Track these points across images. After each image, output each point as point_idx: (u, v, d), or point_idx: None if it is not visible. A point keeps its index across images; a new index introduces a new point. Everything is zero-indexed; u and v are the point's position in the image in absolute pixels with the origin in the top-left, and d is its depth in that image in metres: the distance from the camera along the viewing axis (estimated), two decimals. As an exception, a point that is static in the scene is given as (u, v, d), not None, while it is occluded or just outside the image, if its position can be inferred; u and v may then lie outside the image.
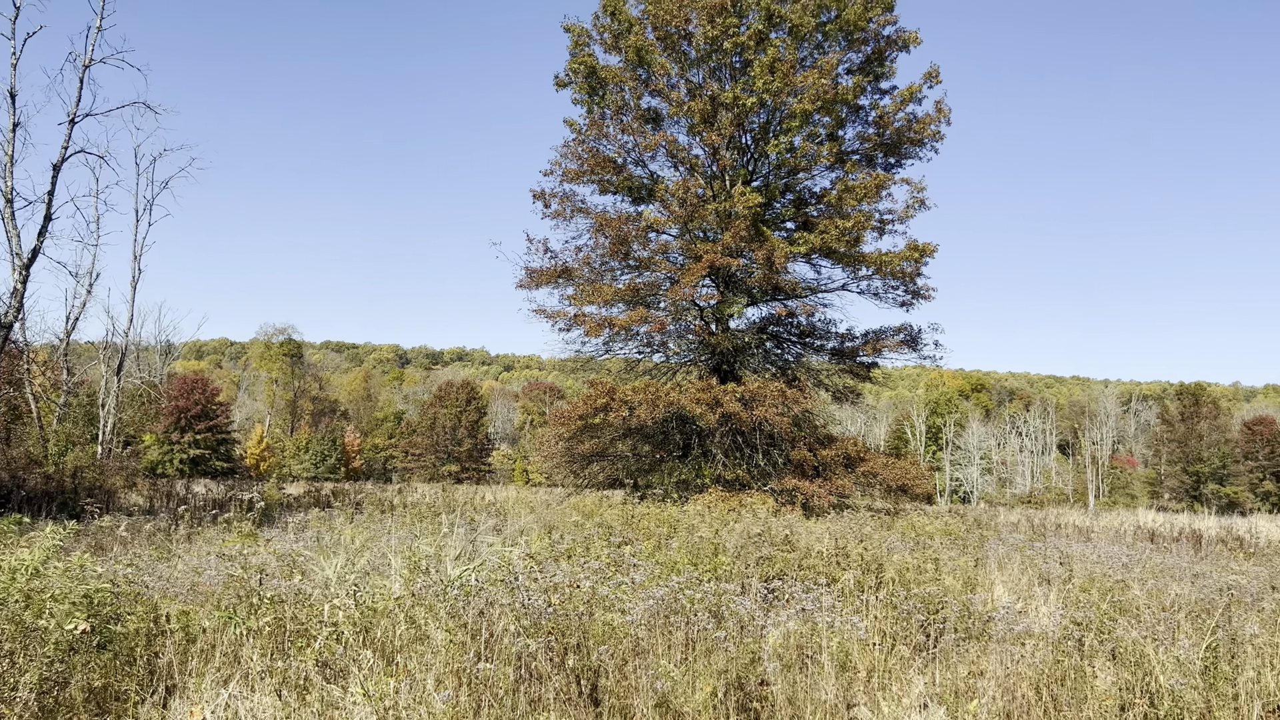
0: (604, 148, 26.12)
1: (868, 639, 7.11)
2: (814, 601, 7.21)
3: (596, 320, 25.17)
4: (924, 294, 26.64)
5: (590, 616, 6.38)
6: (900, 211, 25.84)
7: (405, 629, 6.41)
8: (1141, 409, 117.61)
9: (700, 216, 24.60)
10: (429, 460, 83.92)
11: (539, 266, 26.20)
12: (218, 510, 17.52)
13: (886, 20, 25.17)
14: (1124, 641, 7.25)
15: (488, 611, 6.19)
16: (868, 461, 25.58)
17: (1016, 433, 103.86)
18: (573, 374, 35.49)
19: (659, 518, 14.22)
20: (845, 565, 10.09)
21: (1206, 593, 10.06)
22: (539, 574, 6.86)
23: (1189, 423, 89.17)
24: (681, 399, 23.91)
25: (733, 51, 24.66)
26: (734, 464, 25.17)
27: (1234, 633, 7.63)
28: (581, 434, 25.84)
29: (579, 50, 26.53)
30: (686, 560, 9.36)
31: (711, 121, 24.58)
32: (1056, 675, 6.76)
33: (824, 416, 31.98)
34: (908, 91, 25.58)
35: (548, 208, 26.36)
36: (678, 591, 6.75)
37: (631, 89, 25.86)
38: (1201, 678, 6.70)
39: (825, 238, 24.23)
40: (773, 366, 28.08)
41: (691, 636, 6.55)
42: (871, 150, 26.46)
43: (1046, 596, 10.11)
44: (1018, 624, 7.39)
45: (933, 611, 7.96)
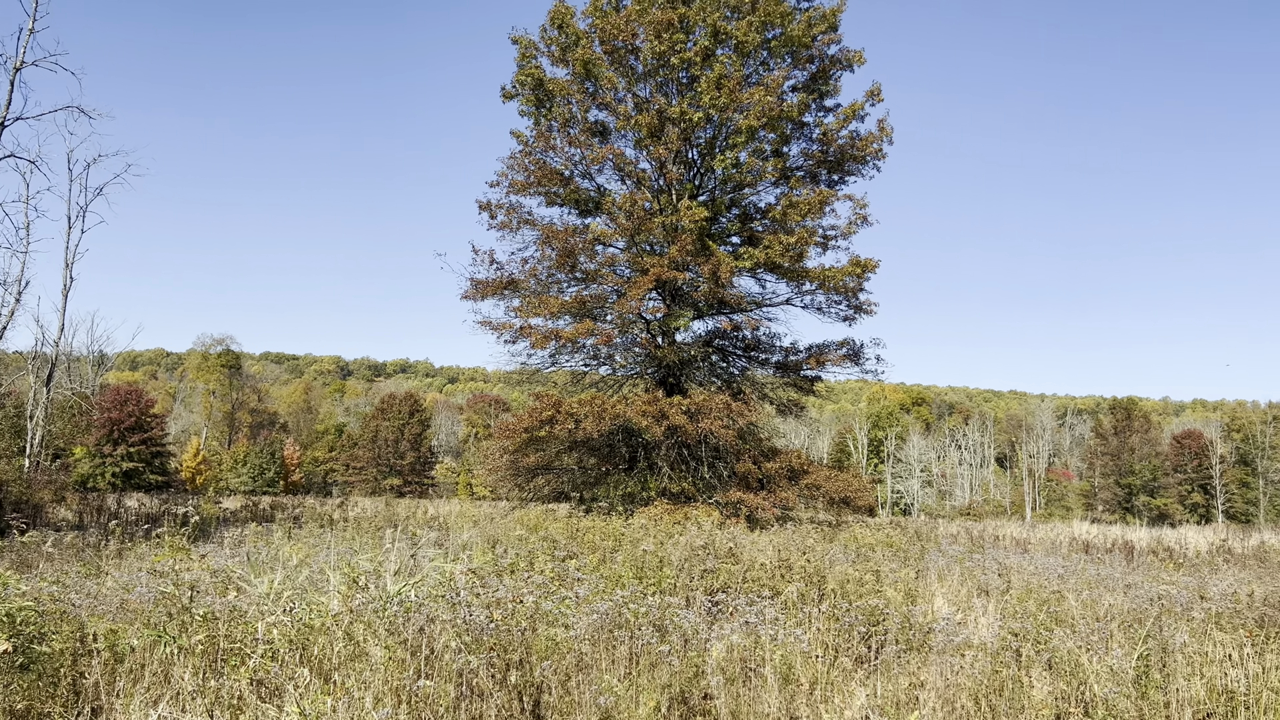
0: (551, 160, 26.10)
1: (810, 651, 7.14)
2: (757, 614, 7.22)
3: (543, 332, 25.07)
4: (866, 309, 27.02)
5: (533, 632, 6.32)
6: (843, 227, 26.20)
7: (343, 646, 6.28)
8: (1076, 423, 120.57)
9: (647, 230, 24.67)
10: (371, 474, 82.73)
11: (484, 278, 26.04)
12: (151, 525, 17.04)
13: (830, 39, 25.56)
14: (1060, 651, 7.38)
15: (428, 628, 6.09)
16: (811, 474, 25.78)
17: (956, 446, 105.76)
18: (518, 386, 35.26)
19: (604, 531, 14.17)
20: (788, 577, 10.14)
21: (1138, 603, 10.30)
22: (481, 589, 6.77)
23: (1121, 436, 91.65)
24: (628, 412, 23.90)
25: (680, 67, 24.82)
26: (680, 477, 25.19)
27: (1165, 642, 7.82)
28: (527, 447, 25.66)
29: (526, 62, 26.48)
30: (631, 574, 9.33)
31: (658, 136, 24.69)
32: (995, 686, 6.85)
33: (769, 429, 32.17)
34: (851, 109, 25.98)
35: (494, 219, 26.24)
36: (622, 605, 6.72)
37: (579, 102, 25.87)
38: (1134, 686, 6.85)
39: (770, 253, 24.43)
40: (718, 380, 28.21)
41: (635, 651, 6.52)
42: (815, 167, 26.79)
43: (985, 607, 10.27)
44: (957, 635, 7.49)
45: (874, 623, 8.03)
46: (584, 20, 26.20)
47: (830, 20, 25.38)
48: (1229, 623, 9.12)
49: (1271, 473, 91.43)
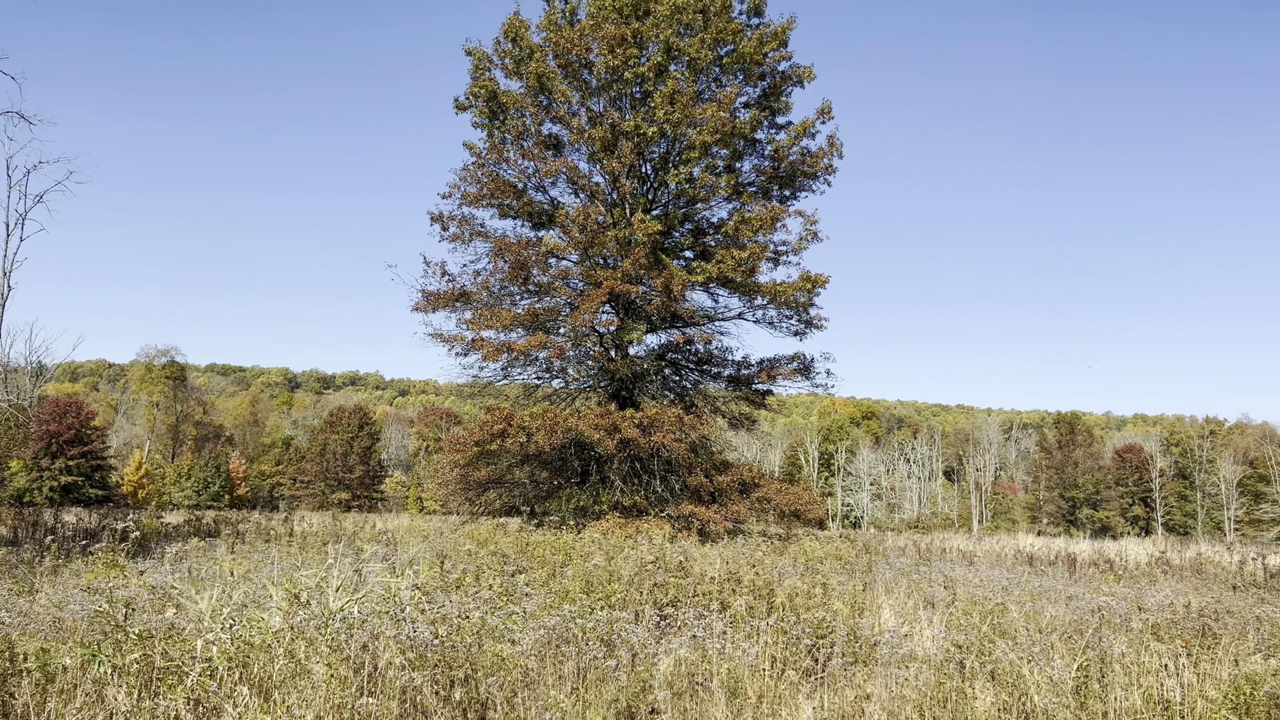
0: (504, 172, 26.01)
1: (758, 664, 7.16)
2: (705, 628, 7.23)
3: (495, 345, 24.91)
4: (817, 323, 27.28)
5: (479, 648, 6.25)
6: (794, 243, 26.45)
7: (284, 664, 6.16)
8: (1022, 437, 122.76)
9: (600, 243, 24.68)
10: (318, 488, 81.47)
11: (436, 290, 25.82)
12: (89, 540, 16.59)
13: (781, 56, 25.87)
14: (1002, 663, 7.49)
15: (372, 644, 6.00)
16: (762, 487, 25.90)
17: (905, 459, 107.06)
18: (470, 399, 34.95)
19: (554, 545, 14.09)
20: (738, 591, 10.16)
21: (1080, 614, 10.50)
22: (427, 605, 6.69)
23: (1065, 450, 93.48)
24: (580, 425, 23.82)
25: (633, 82, 24.93)
26: (632, 490, 25.15)
27: (1104, 652, 7.97)
28: (478, 460, 25.45)
29: (480, 74, 26.41)
30: (580, 588, 9.28)
31: (612, 149, 24.74)
32: (939, 697, 6.93)
33: (721, 443, 32.29)
34: (802, 126, 26.30)
35: (446, 230, 26.04)
36: (570, 620, 6.68)
37: (533, 115, 25.84)
38: (1074, 697, 6.97)
39: (722, 267, 24.58)
40: (671, 393, 28.26)
41: (583, 666, 6.48)
42: (767, 183, 27.05)
43: (931, 620, 10.38)
44: (902, 647, 7.56)
45: (821, 636, 8.07)
46: (538, 34, 26.23)
47: (781, 37, 25.70)
48: (1166, 633, 9.32)
49: (1208, 486, 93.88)
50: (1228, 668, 7.82)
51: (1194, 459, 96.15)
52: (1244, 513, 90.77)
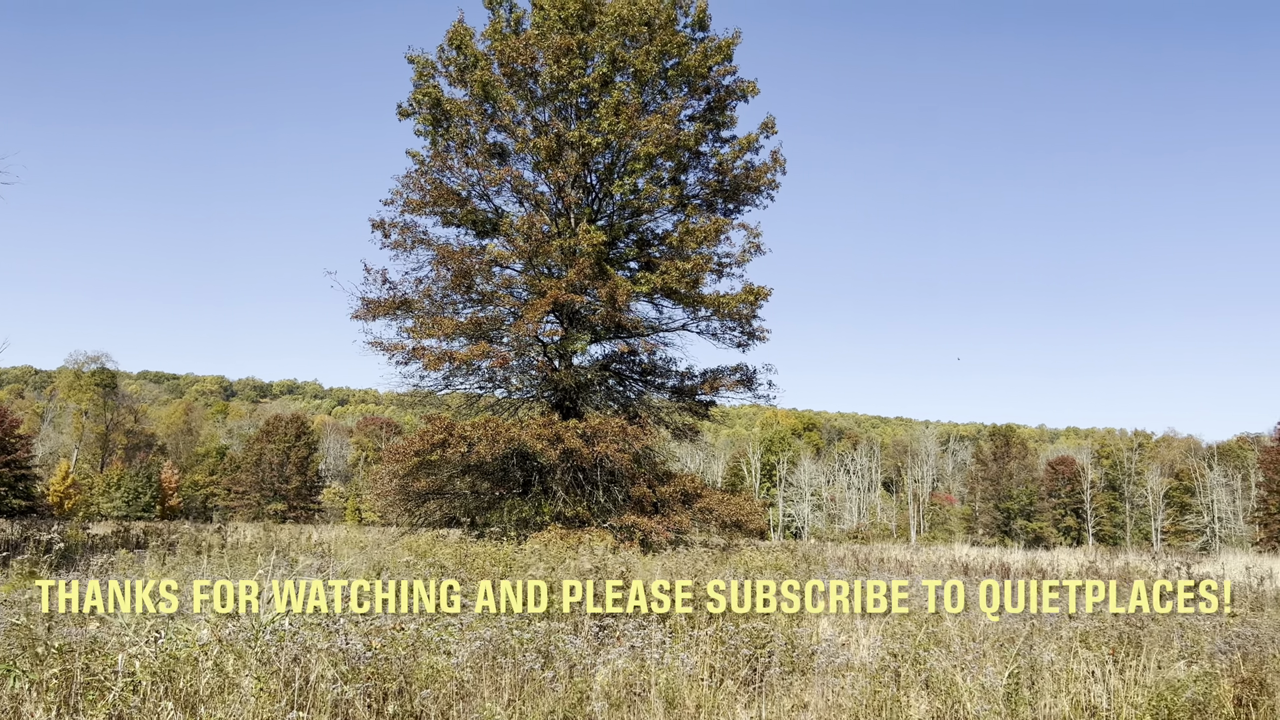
0: (448, 180, 25.80)
1: (696, 674, 7.16)
2: (645, 638, 7.21)
3: (436, 354, 24.65)
4: (759, 335, 27.50)
5: (414, 659, 6.15)
6: (738, 255, 26.66)
7: (212, 677, 5.99)
8: (959, 449, 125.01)
9: (545, 252, 24.60)
10: (254, 498, 79.81)
11: (377, 297, 25.47)
12: (10, 552, 16.00)
13: (726, 70, 26.11)
14: (936, 671, 7.59)
15: (303, 657, 5.87)
16: (704, 498, 25.99)
17: (845, 470, 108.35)
18: (411, 409, 34.57)
19: (494, 556, 13.96)
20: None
21: (1012, 622, 10.67)
22: (361, 617, 6.57)
23: (1000, 462, 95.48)
24: (523, 435, 23.67)
25: (579, 92, 24.95)
26: (574, 501, 25.05)
27: (1034, 660, 8.12)
28: (418, 471, 25.12)
29: (423, 81, 26.19)
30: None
31: (557, 159, 24.71)
32: (874, 705, 7.00)
33: (664, 453, 32.34)
34: (746, 140, 26.54)
35: (387, 238, 25.73)
36: (507, 632, 6.61)
37: (477, 123, 25.70)
38: (1005, 703, 7.10)
39: (667, 278, 24.67)
40: (615, 403, 28.23)
41: (520, 677, 6.41)
42: (712, 196, 27.23)
43: (867, 629, 10.48)
44: (839, 656, 7.62)
45: (760, 646, 8.11)
46: (483, 42, 26.11)
47: (725, 51, 25.94)
48: (1094, 641, 9.54)
49: (1136, 497, 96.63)
50: (1152, 674, 8.02)
51: (1123, 471, 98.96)
52: (1170, 523, 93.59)
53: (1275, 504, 71.72)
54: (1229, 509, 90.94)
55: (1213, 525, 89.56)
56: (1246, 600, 16.65)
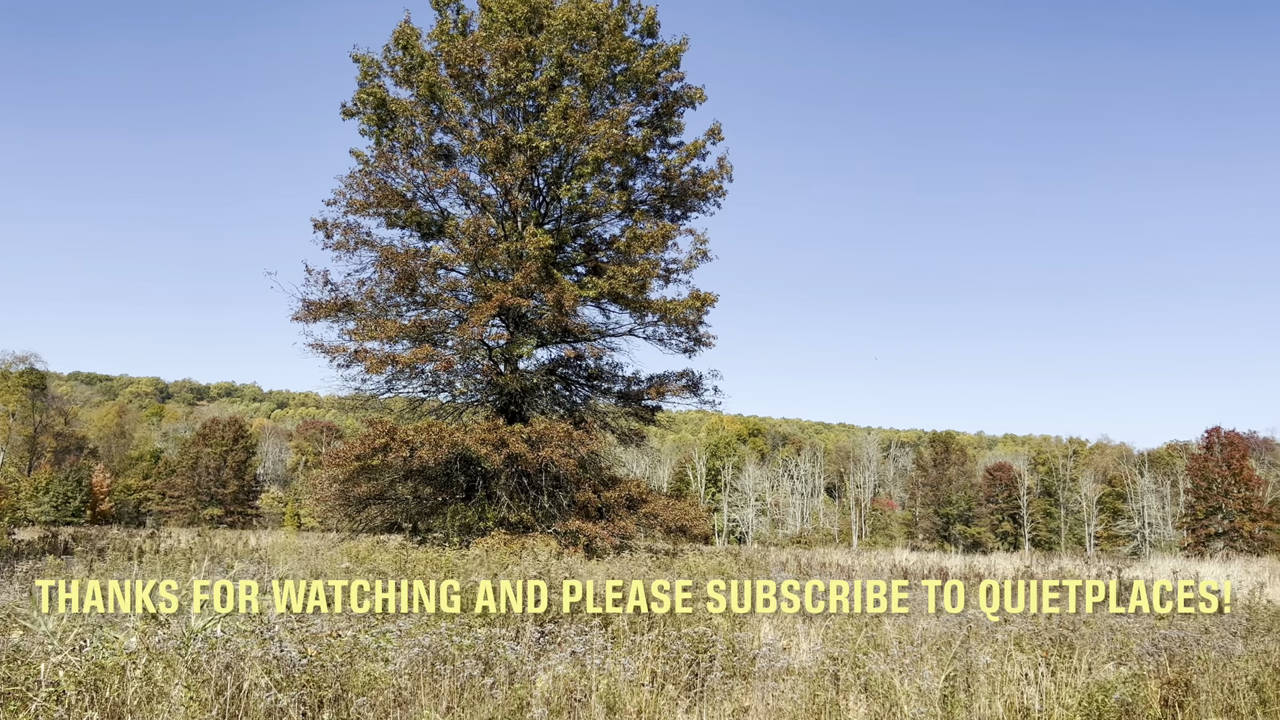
0: (392, 181, 25.49)
1: (638, 679, 7.14)
2: (586, 644, 7.17)
3: (379, 357, 24.31)
4: (706, 341, 27.64)
5: (351, 667, 6.04)
6: (685, 261, 26.75)
7: (140, 686, 5.82)
8: (900, 455, 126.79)
9: (491, 255, 24.43)
10: (189, 503, 77.95)
11: (318, 299, 25.04)
12: (-74, 560, 15.41)
13: (674, 76, 26.22)
14: (875, 674, 7.68)
15: (236, 665, 5.73)
16: (650, 503, 26.00)
17: (789, 476, 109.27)
18: (352, 412, 34.10)
19: (436, 563, 13.80)
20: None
21: (949, 626, 10.84)
22: (297, 623, 6.44)
23: (940, 468, 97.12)
24: (466, 439, 23.44)
25: (526, 95, 24.85)
26: (519, 506, 24.89)
27: (970, 663, 8.26)
28: (359, 475, 24.75)
29: (368, 81, 25.86)
30: (460, 606, 9.09)
31: (504, 162, 24.57)
32: (814, 709, 7.05)
33: (610, 458, 32.30)
34: (693, 147, 26.68)
35: (330, 238, 25.32)
36: (446, 638, 6.53)
37: (423, 124, 25.45)
38: (941, 706, 7.20)
39: (614, 283, 24.66)
40: (561, 408, 28.12)
41: (459, 684, 6.34)
42: (659, 201, 27.31)
43: (808, 633, 10.57)
44: (780, 661, 7.67)
45: (702, 651, 8.12)
46: (430, 43, 25.88)
47: (673, 58, 26.05)
48: (1028, 644, 9.73)
49: (1071, 503, 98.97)
50: (1083, 676, 8.20)
51: (1058, 477, 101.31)
52: (1103, 529, 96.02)
53: (1202, 510, 73.93)
54: (1159, 515, 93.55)
55: (1143, 530, 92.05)
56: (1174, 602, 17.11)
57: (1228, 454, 73.74)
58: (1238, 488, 72.40)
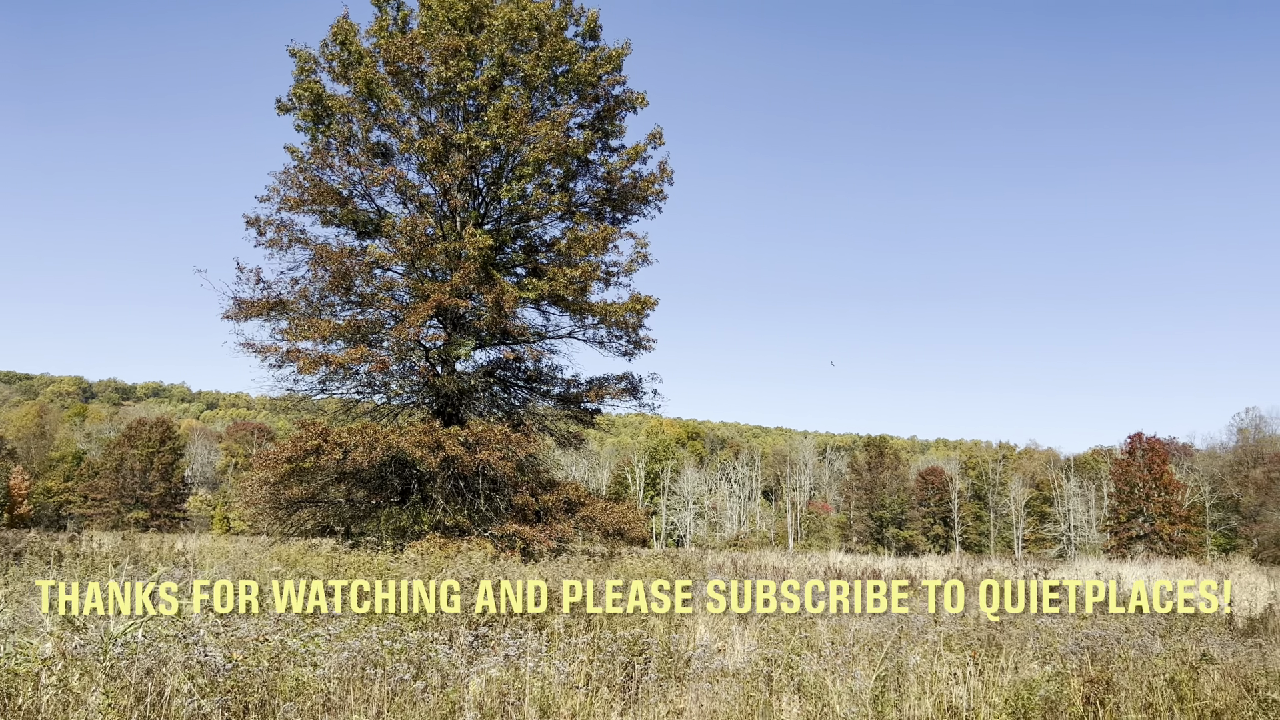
0: (328, 178, 25.06)
1: (572, 682, 7.11)
2: (520, 647, 7.12)
3: (312, 357, 23.86)
4: (645, 344, 27.69)
5: (278, 671, 5.90)
6: (625, 264, 26.79)
7: (55, 694, 5.61)
8: (835, 458, 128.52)
9: (429, 255, 24.16)
10: (113, 506, 75.68)
11: (250, 297, 24.50)
12: None
13: (616, 80, 26.24)
14: (807, 675, 7.75)
15: (157, 670, 5.56)
16: (588, 506, 25.94)
17: (727, 479, 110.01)
18: (285, 414, 33.41)
19: (368, 566, 13.58)
20: (556, 609, 10.09)
21: (881, 627, 11.00)
22: (222, 628, 6.27)
23: (874, 472, 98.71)
24: (402, 442, 23.14)
25: (467, 94, 24.64)
26: (455, 509, 24.64)
27: (900, 663, 8.39)
28: (290, 478, 24.26)
29: (305, 76, 25.40)
30: (392, 609, 8.96)
31: (443, 161, 24.33)
32: (747, 709, 7.09)
33: (549, 461, 32.16)
34: (634, 150, 26.73)
35: (263, 235, 24.78)
36: (377, 642, 6.42)
37: (360, 121, 25.08)
38: (872, 706, 7.29)
39: (554, 285, 24.58)
40: (499, 411, 27.93)
41: (390, 689, 6.24)
42: (600, 204, 27.29)
43: (743, 634, 10.63)
44: (714, 662, 7.70)
45: (637, 653, 8.12)
46: (368, 39, 25.53)
47: (615, 61, 26.08)
48: (957, 644, 9.92)
49: (1000, 507, 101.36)
50: (1010, 675, 8.39)
51: (988, 481, 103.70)
52: (1030, 532, 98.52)
53: (1124, 513, 76.31)
54: (1084, 518, 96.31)
55: (1069, 533, 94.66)
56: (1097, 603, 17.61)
57: (1149, 459, 76.24)
58: (1158, 492, 74.90)
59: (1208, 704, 7.60)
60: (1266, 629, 13.59)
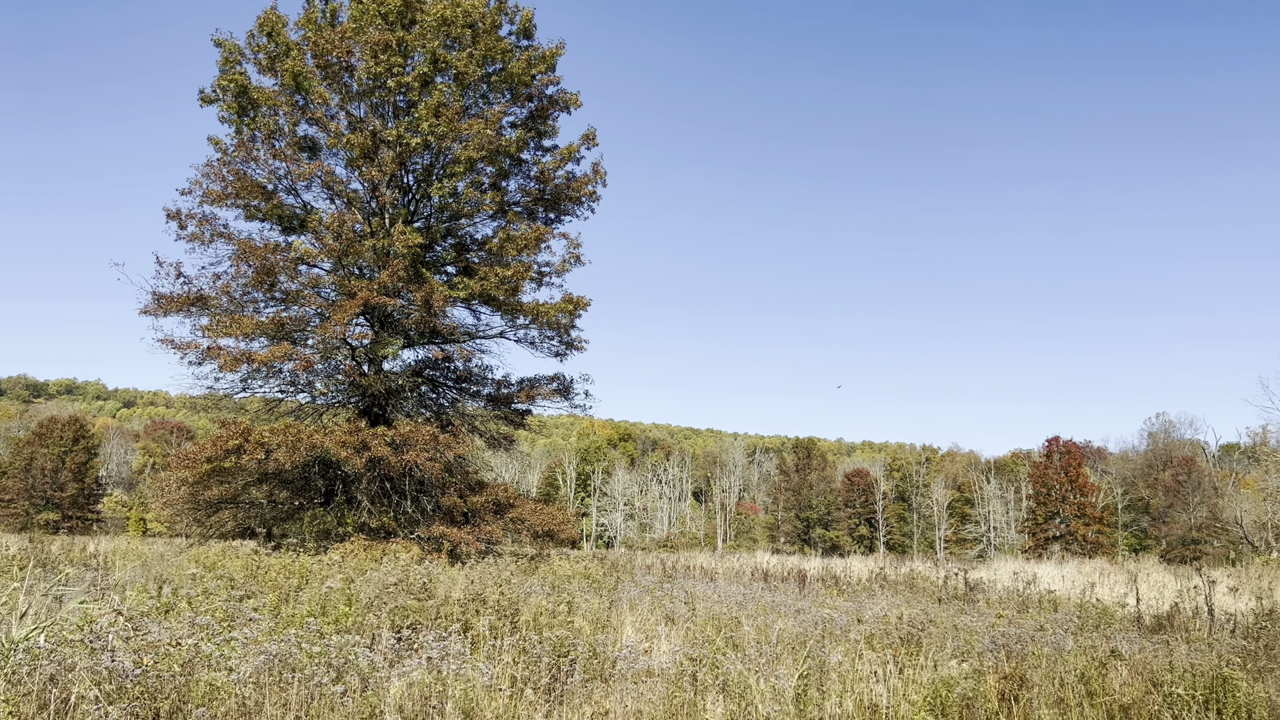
0: (253, 171, 24.46)
1: (496, 685, 7.06)
2: (444, 650, 7.04)
3: (234, 354, 23.25)
4: (577, 345, 27.63)
5: (190, 676, 5.74)
6: (558, 265, 26.69)
7: (-50, 705, 5.37)
8: (764, 460, 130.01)
9: (356, 252, 23.75)
10: (21, 507, 72.82)
11: (169, 292, 23.77)
12: None
13: (549, 79, 26.14)
14: (732, 675, 7.82)
15: (61, 677, 5.36)
16: (517, 507, 25.78)
17: (658, 480, 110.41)
18: (205, 413, 32.50)
19: (290, 568, 13.29)
20: (482, 611, 10.01)
21: (805, 626, 11.16)
22: (133, 632, 6.08)
23: (802, 474, 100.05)
24: (326, 442, 22.68)
25: (397, 90, 24.31)
26: (380, 511, 24.25)
27: (823, 662, 8.52)
28: (210, 478, 23.59)
29: (230, 67, 24.76)
30: (313, 612, 8.79)
31: (372, 157, 23.96)
32: (672, 710, 7.12)
33: (479, 463, 31.85)
34: (568, 151, 26.66)
35: (184, 229, 24.07)
36: (295, 645, 6.28)
37: (287, 114, 24.54)
38: (794, 704, 7.39)
39: (485, 284, 24.38)
40: (427, 411, 27.59)
41: (309, 693, 6.11)
42: (533, 204, 27.15)
43: (669, 635, 10.68)
44: (639, 663, 7.72)
45: (563, 654, 8.09)
46: (296, 31, 25.00)
47: (549, 61, 25.99)
48: (879, 642, 10.11)
49: (923, 508, 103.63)
50: (929, 672, 8.58)
51: (912, 483, 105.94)
52: (952, 533, 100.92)
53: (1042, 515, 78.67)
54: (1003, 519, 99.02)
55: (989, 534, 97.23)
56: (1014, 602, 18.15)
57: (1065, 462, 78.74)
58: (1074, 494, 77.40)
59: (1116, 699, 7.86)
60: (1172, 626, 14.12)
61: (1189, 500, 79.87)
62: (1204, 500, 78.04)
